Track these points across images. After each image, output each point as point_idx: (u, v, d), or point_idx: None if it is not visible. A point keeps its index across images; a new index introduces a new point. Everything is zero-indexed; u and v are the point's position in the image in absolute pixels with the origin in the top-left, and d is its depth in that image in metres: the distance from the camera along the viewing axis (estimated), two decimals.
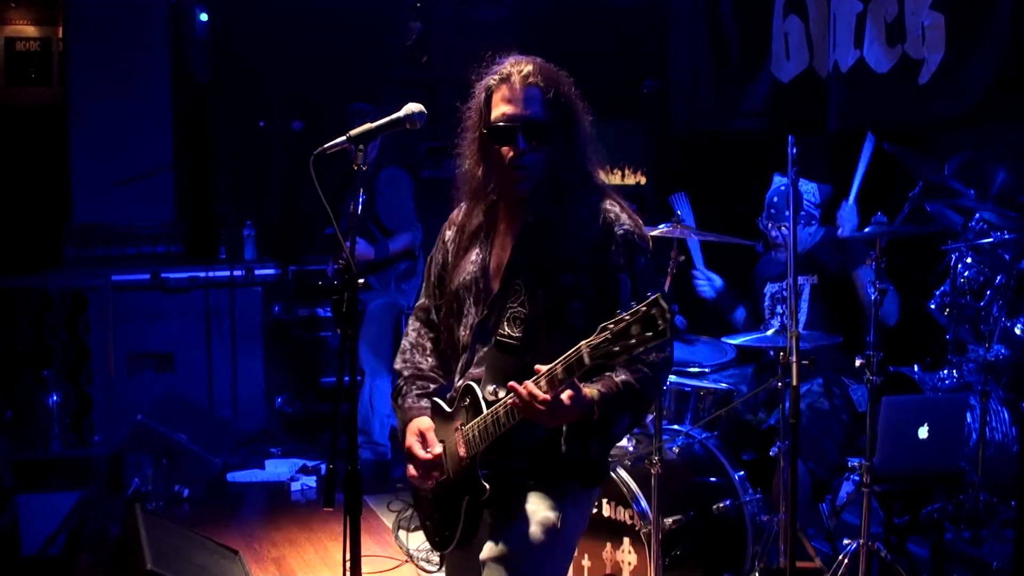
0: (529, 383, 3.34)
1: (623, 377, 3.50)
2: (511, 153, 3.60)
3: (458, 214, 3.94)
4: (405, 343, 3.97)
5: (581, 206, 3.64)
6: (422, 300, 4.01)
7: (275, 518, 7.37)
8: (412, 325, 4.01)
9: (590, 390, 3.43)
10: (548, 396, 3.30)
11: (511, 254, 3.69)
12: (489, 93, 3.69)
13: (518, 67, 3.66)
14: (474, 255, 3.78)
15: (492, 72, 3.72)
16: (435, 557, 5.57)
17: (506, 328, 3.62)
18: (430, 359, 3.92)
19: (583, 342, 3.20)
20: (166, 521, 6.08)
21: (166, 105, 9.58)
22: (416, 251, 8.03)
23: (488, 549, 3.60)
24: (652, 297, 3.08)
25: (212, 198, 10.01)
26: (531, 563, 3.57)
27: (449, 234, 3.93)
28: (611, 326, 3.13)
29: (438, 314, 3.92)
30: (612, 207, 3.66)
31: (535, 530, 3.58)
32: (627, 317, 3.11)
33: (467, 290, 3.77)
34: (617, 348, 3.13)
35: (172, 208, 9.64)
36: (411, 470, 3.74)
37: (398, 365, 3.94)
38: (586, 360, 3.19)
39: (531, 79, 3.62)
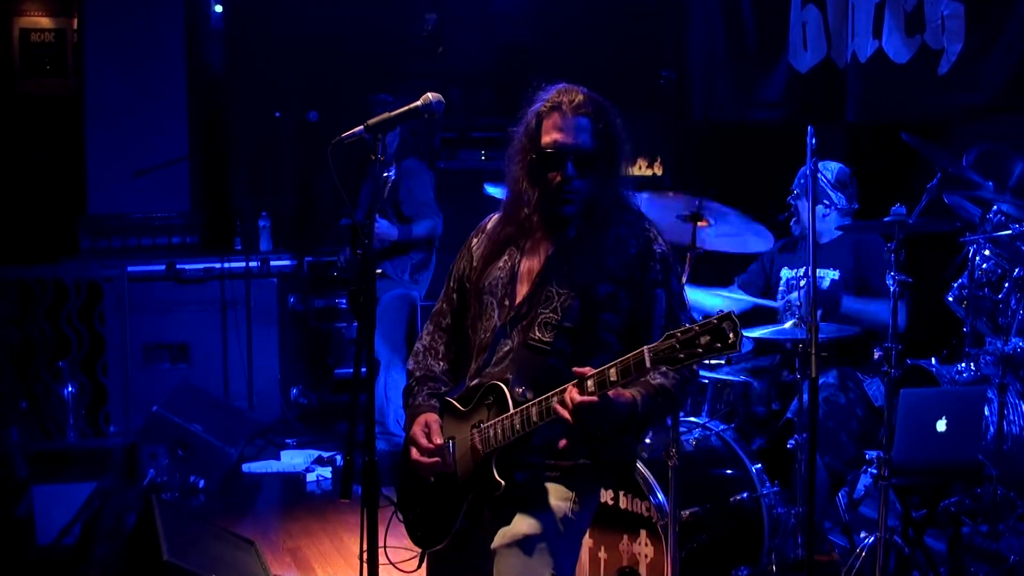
0: (575, 389, 3.44)
1: (659, 381, 3.62)
2: (559, 178, 3.72)
3: (487, 224, 4.03)
4: (419, 346, 4.06)
5: (622, 225, 3.78)
6: (439, 305, 4.08)
7: (291, 509, 7.38)
8: (427, 328, 4.09)
9: (631, 392, 3.56)
10: (596, 397, 3.40)
11: (546, 262, 3.79)
12: (540, 119, 3.78)
13: (568, 96, 3.76)
14: (503, 261, 3.88)
15: (542, 99, 3.80)
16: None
17: (536, 332, 3.71)
18: (442, 363, 4.01)
19: (645, 347, 3.29)
20: (182, 511, 6.09)
21: (181, 96, 9.59)
22: (435, 242, 8.02)
23: (501, 536, 3.66)
24: (724, 312, 3.19)
25: (228, 189, 10.03)
26: (546, 548, 3.64)
27: (476, 241, 4.01)
28: (678, 334, 3.23)
29: (455, 319, 4.01)
30: (651, 227, 3.82)
31: (550, 518, 3.66)
32: (696, 328, 3.21)
33: (492, 293, 3.85)
34: (683, 355, 3.22)
35: (188, 199, 9.65)
36: (414, 453, 3.78)
37: (411, 366, 4.03)
38: (647, 363, 3.28)
39: (581, 109, 3.72)
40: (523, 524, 3.64)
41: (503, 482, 3.59)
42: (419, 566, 4.00)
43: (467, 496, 3.71)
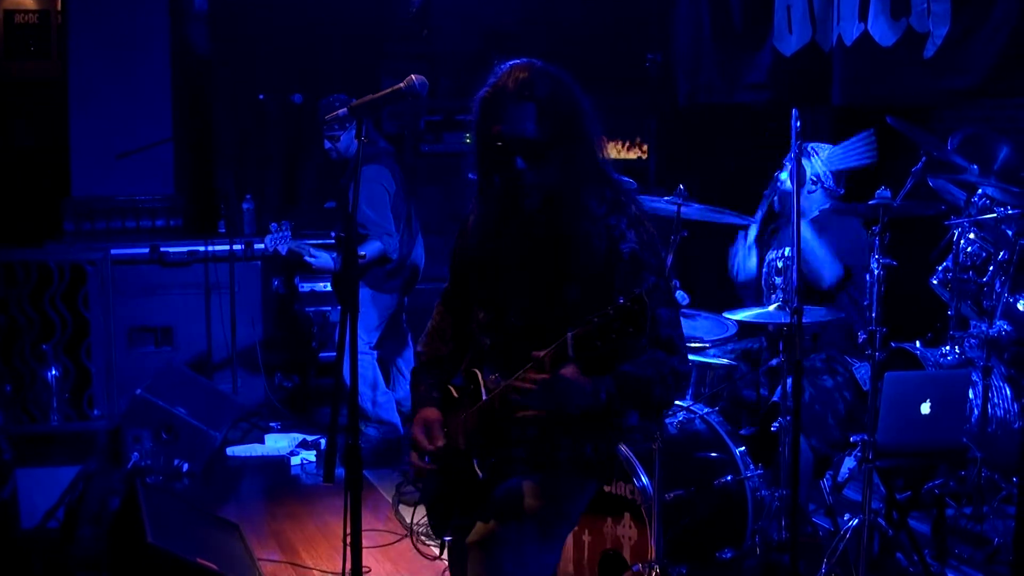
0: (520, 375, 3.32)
1: (626, 368, 3.44)
2: (510, 173, 3.48)
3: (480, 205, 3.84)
4: (429, 325, 3.98)
5: (587, 219, 3.53)
6: (448, 285, 3.99)
7: (275, 492, 7.37)
8: (437, 308, 4.00)
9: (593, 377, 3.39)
10: (534, 384, 3.27)
11: (519, 261, 3.63)
12: (484, 106, 3.54)
13: (514, 76, 3.49)
14: (483, 250, 3.73)
15: (489, 82, 3.56)
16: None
17: (511, 324, 3.62)
18: (450, 344, 3.92)
19: (570, 332, 3.13)
20: (166, 495, 6.08)
21: (165, 78, 9.55)
22: (391, 255, 7.65)
23: (474, 533, 3.63)
24: (636, 294, 3.02)
25: (212, 172, 9.99)
26: (509, 551, 3.57)
27: (472, 219, 3.84)
28: (595, 319, 3.07)
29: (461, 299, 3.90)
30: (618, 222, 3.55)
31: (520, 519, 3.59)
32: (611, 313, 3.04)
33: (476, 291, 3.78)
34: (600, 342, 3.07)
35: (171, 182, 9.61)
36: (414, 457, 3.75)
37: (420, 348, 3.97)
38: (569, 351, 3.14)
39: (527, 92, 3.45)
40: (493, 523, 3.58)
41: (481, 473, 3.54)
42: (440, 554, 3.98)
43: (459, 488, 3.68)
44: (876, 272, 5.16)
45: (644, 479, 5.10)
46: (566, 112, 3.49)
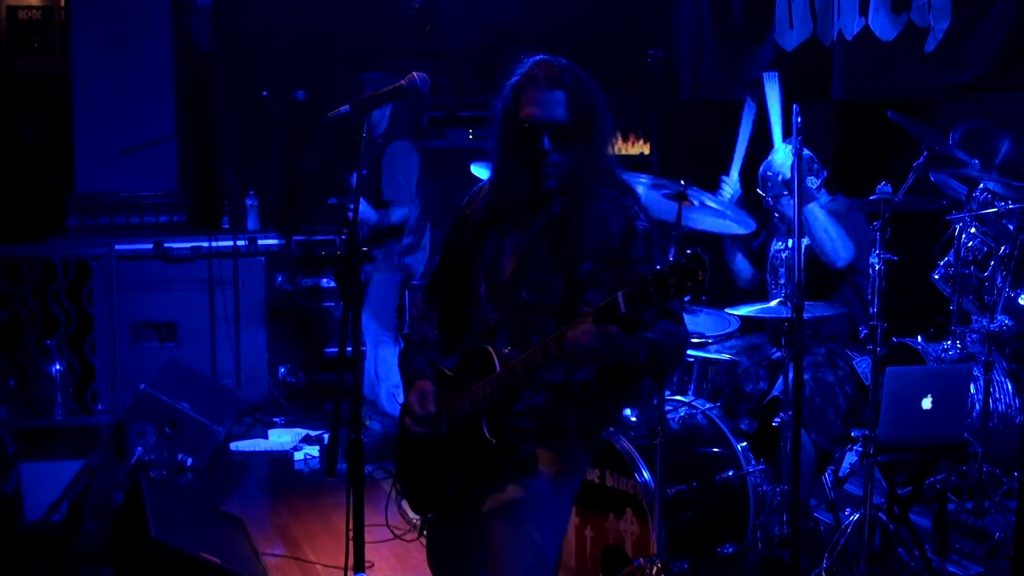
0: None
1: (652, 337, 3.59)
2: (536, 153, 3.69)
3: (480, 194, 4.01)
4: (415, 312, 4.09)
5: (603, 202, 3.73)
6: (434, 274, 4.13)
7: (278, 487, 7.39)
8: (423, 297, 4.13)
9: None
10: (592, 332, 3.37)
11: (531, 239, 3.78)
12: (515, 93, 3.74)
13: (544, 68, 3.72)
14: (491, 236, 3.87)
15: (519, 72, 3.77)
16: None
17: (523, 301, 3.73)
18: (436, 330, 4.03)
19: (620, 291, 3.28)
20: (170, 489, 6.10)
21: (168, 74, 9.56)
22: (411, 225, 7.82)
23: (491, 501, 3.72)
24: (692, 252, 3.19)
25: (215, 167, 10.00)
26: (534, 514, 3.69)
27: (468, 211, 4.01)
28: (649, 277, 3.22)
29: (449, 288, 4.03)
30: (632, 203, 3.77)
31: (538, 484, 3.71)
32: (667, 270, 3.19)
33: (481, 267, 3.87)
34: (656, 297, 3.21)
35: (175, 178, 9.63)
36: (407, 421, 3.84)
37: (408, 332, 4.04)
38: (621, 307, 3.26)
39: (557, 82, 3.68)
40: (511, 490, 3.69)
41: (493, 441, 3.63)
42: (420, 534, 4.03)
43: (460, 460, 3.75)
44: (877, 267, 5.17)
45: (646, 474, 5.11)
46: (588, 105, 3.72)
